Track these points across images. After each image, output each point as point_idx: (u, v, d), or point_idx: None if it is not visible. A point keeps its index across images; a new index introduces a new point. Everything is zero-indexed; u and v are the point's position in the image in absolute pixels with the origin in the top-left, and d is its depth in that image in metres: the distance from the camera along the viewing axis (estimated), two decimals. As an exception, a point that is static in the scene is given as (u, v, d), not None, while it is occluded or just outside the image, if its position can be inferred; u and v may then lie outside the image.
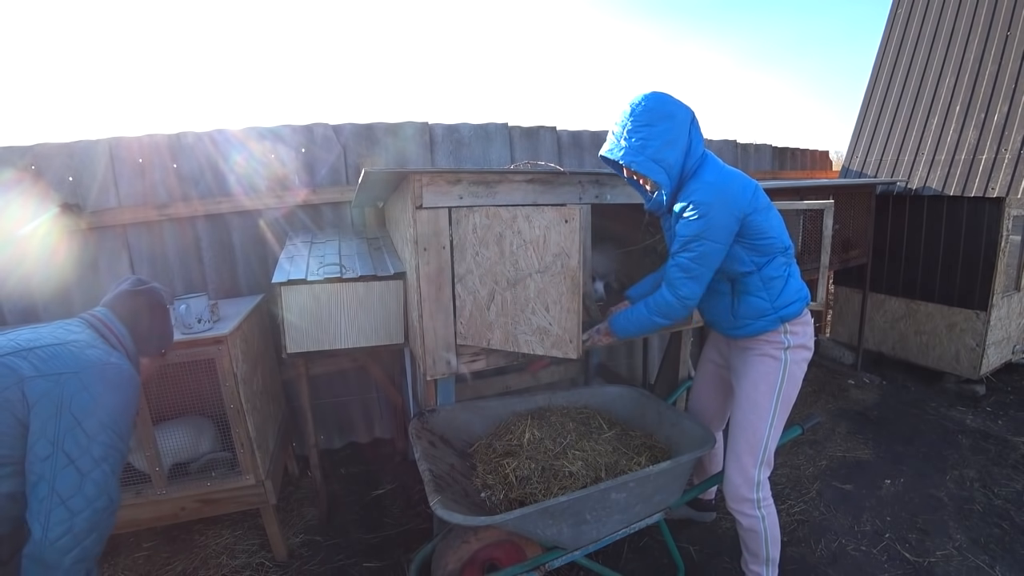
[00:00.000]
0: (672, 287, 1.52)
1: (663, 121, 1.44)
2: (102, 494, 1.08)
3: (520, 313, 1.64)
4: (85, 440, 1.05)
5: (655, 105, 1.45)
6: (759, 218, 1.50)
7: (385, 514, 2.31)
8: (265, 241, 2.59)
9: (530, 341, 1.65)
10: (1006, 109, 3.75)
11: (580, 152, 3.27)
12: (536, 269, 1.59)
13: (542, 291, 1.59)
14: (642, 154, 1.45)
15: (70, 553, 1.03)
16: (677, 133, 1.45)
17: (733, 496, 1.65)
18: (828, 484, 2.44)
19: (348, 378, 2.83)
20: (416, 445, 1.62)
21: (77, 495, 1.04)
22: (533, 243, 1.58)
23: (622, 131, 1.48)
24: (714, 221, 1.43)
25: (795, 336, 1.59)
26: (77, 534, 1.03)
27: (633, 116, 1.45)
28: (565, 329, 1.59)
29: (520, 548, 1.65)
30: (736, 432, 1.65)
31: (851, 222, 3.31)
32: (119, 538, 2.11)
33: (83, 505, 1.04)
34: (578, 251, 1.53)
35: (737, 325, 1.62)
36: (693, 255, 1.47)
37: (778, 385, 1.60)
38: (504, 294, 1.65)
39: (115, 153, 2.31)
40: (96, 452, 1.07)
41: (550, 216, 1.55)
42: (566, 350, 1.60)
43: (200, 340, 1.73)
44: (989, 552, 1.98)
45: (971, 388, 3.36)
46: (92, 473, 1.06)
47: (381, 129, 2.75)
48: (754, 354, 1.63)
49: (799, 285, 1.62)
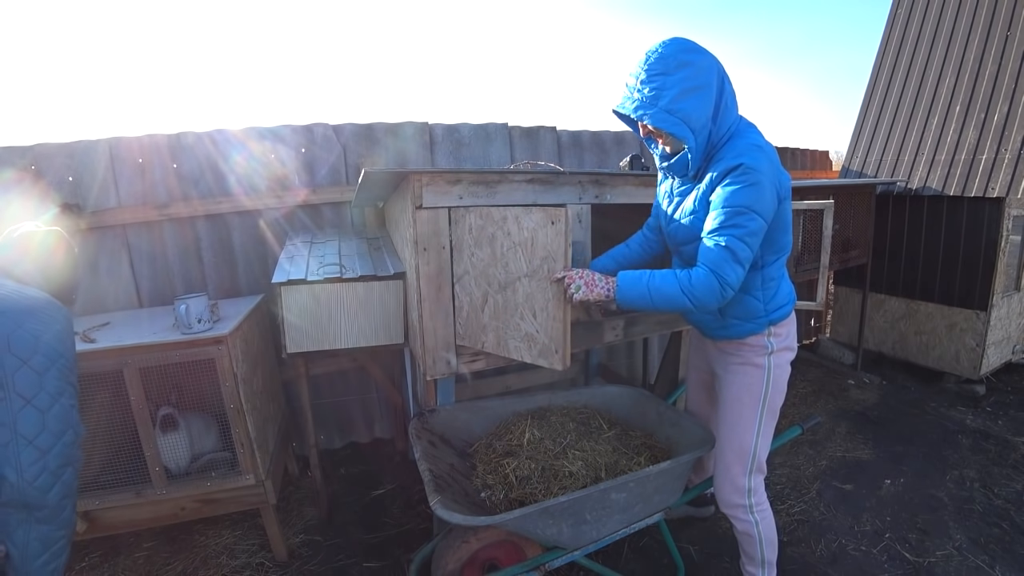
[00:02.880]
0: (717, 271, 1.26)
1: (681, 69, 1.24)
2: (67, 428, 1.06)
3: (510, 318, 1.57)
4: (36, 377, 1.03)
5: (674, 51, 1.25)
6: (787, 207, 1.37)
7: (385, 514, 2.31)
8: (265, 241, 2.59)
9: (519, 347, 1.58)
10: (1006, 109, 3.75)
11: (580, 152, 3.27)
12: (524, 273, 1.51)
13: (530, 296, 1.51)
14: (655, 105, 1.26)
15: (52, 490, 1.02)
16: (699, 81, 1.25)
17: (725, 502, 1.63)
18: (828, 484, 2.44)
19: (348, 378, 2.83)
20: (416, 445, 1.62)
21: (43, 433, 1.02)
22: (522, 245, 1.50)
23: (635, 82, 1.29)
24: (765, 191, 1.24)
25: (778, 339, 1.50)
26: (54, 471, 1.02)
27: (647, 64, 1.26)
28: (551, 338, 1.48)
29: (520, 548, 1.65)
30: (723, 443, 1.59)
31: (851, 222, 3.31)
32: (119, 538, 2.11)
33: (52, 441, 1.03)
34: (564, 255, 1.41)
35: (724, 325, 1.51)
36: (742, 232, 1.24)
37: (762, 395, 1.52)
38: (496, 297, 1.60)
39: (115, 153, 2.31)
40: (50, 387, 1.05)
41: (537, 217, 1.45)
42: (552, 360, 1.49)
43: (200, 340, 1.73)
44: (989, 552, 1.98)
45: (971, 388, 3.36)
46: (52, 408, 1.04)
47: (381, 129, 2.75)
48: (736, 363, 1.54)
49: (790, 287, 1.54)
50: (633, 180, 1.95)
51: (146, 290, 2.44)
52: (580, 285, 1.39)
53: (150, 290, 2.44)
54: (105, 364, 1.65)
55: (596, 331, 1.93)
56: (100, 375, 1.66)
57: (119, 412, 1.75)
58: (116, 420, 1.76)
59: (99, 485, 1.76)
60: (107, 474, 1.76)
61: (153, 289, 2.45)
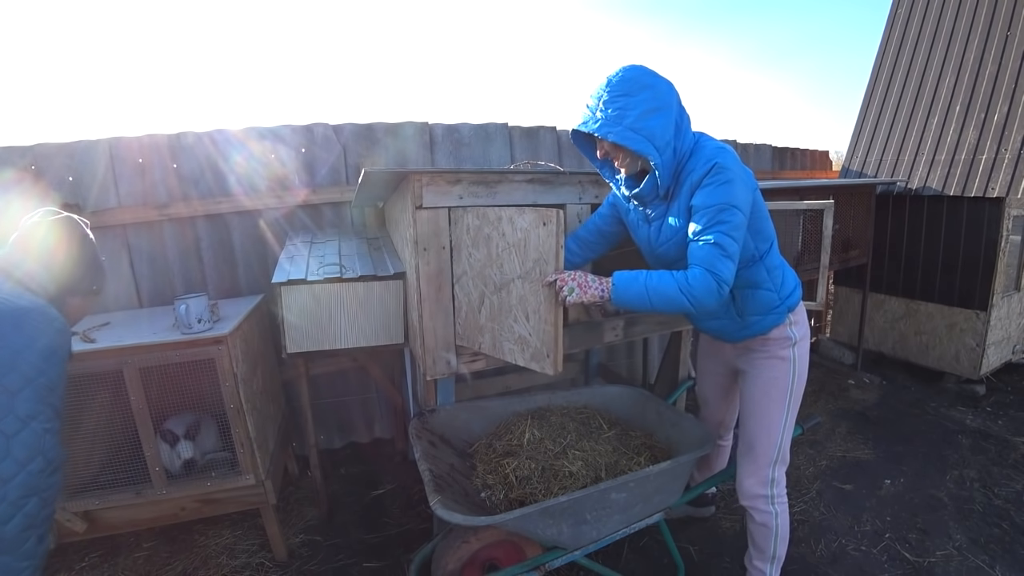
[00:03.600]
0: (712, 269, 1.29)
1: (643, 91, 1.30)
2: (35, 455, 0.96)
3: (504, 319, 1.56)
4: (6, 398, 0.94)
5: (635, 75, 1.31)
6: (759, 197, 1.43)
7: (385, 514, 2.31)
8: (265, 241, 2.59)
9: (513, 350, 1.57)
10: (1006, 109, 3.75)
11: (580, 152, 3.27)
12: (518, 274, 1.50)
13: (523, 298, 1.50)
14: (619, 124, 1.29)
15: (11, 522, 0.93)
16: (661, 102, 1.31)
17: (746, 493, 1.62)
18: (828, 484, 2.44)
19: (348, 378, 2.83)
20: (416, 445, 1.62)
21: (5, 460, 0.93)
22: (516, 246, 1.49)
23: (597, 103, 1.33)
24: (740, 187, 1.31)
25: (798, 327, 1.54)
26: (14, 501, 0.93)
27: (609, 87, 1.31)
28: (543, 342, 1.46)
29: (520, 548, 1.65)
30: (750, 436, 1.60)
31: (851, 222, 3.31)
32: (119, 538, 2.12)
33: (14, 470, 0.93)
34: (556, 257, 1.39)
35: (746, 325, 1.52)
36: (727, 227, 1.29)
37: (789, 387, 1.55)
38: (492, 298, 1.59)
39: (115, 153, 2.31)
40: (21, 410, 0.95)
41: (530, 218, 1.43)
42: (543, 364, 1.47)
43: (200, 340, 1.73)
44: (989, 552, 1.98)
45: (971, 388, 3.36)
46: (20, 434, 0.95)
47: (381, 129, 2.75)
48: (762, 357, 1.57)
49: (792, 272, 1.58)
50: (633, 180, 1.94)
51: (146, 290, 2.44)
52: (573, 287, 1.37)
53: (150, 290, 2.44)
54: (105, 364, 1.64)
55: (596, 331, 1.93)
56: (100, 375, 1.66)
57: (119, 412, 1.75)
58: (116, 420, 1.76)
59: (99, 485, 1.76)
60: (107, 474, 1.76)
61: (153, 289, 2.45)
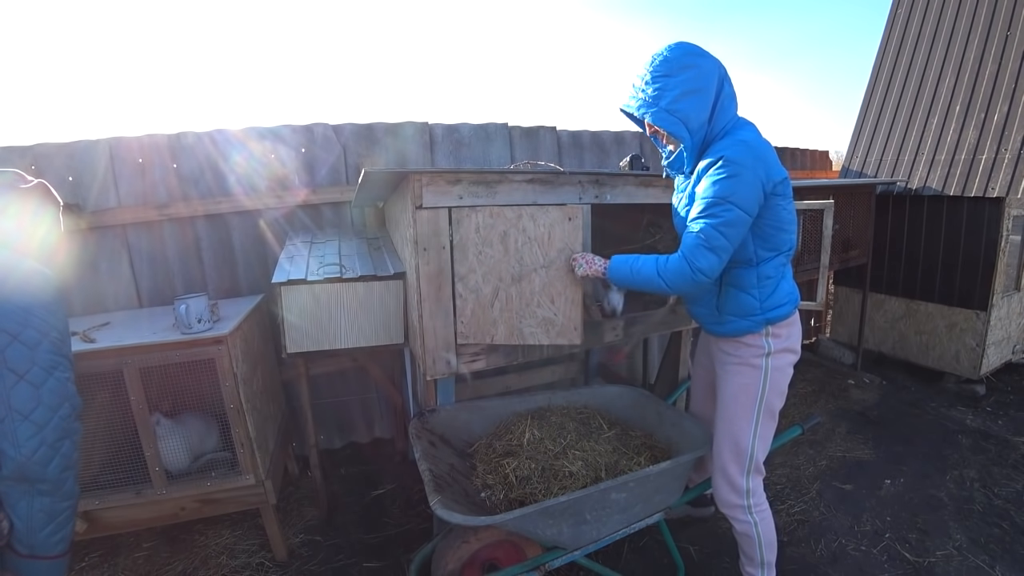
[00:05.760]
0: (688, 257, 1.35)
1: (683, 71, 1.34)
2: (63, 401, 1.06)
3: (525, 307, 1.72)
4: (28, 352, 1.02)
5: (677, 55, 1.35)
6: (783, 204, 1.41)
7: (385, 514, 2.31)
8: (265, 241, 2.59)
9: (535, 333, 1.73)
10: (1006, 109, 3.75)
11: (580, 152, 3.27)
12: (541, 264, 1.68)
13: (547, 285, 1.69)
14: (656, 105, 1.36)
15: (51, 463, 1.02)
16: (699, 84, 1.35)
17: (723, 502, 1.63)
18: (828, 484, 2.44)
19: (348, 378, 2.83)
20: (416, 445, 1.62)
21: (38, 408, 1.02)
22: (538, 240, 1.66)
23: (640, 82, 1.40)
24: (744, 184, 1.30)
25: (777, 340, 1.50)
26: (52, 444, 1.03)
27: (652, 66, 1.37)
28: (569, 318, 1.70)
29: (520, 548, 1.65)
30: (720, 444, 1.59)
31: (851, 222, 3.31)
32: (119, 538, 2.12)
33: (48, 415, 1.03)
34: (581, 245, 1.65)
35: (720, 321, 1.54)
36: (717, 222, 1.31)
37: (758, 396, 1.52)
38: (508, 290, 1.71)
39: (115, 153, 2.31)
40: (43, 361, 1.04)
41: (554, 215, 1.64)
42: (571, 337, 1.71)
43: (200, 340, 1.73)
44: (989, 552, 1.98)
45: (971, 388, 3.36)
46: (47, 383, 1.04)
47: (381, 129, 2.75)
48: (733, 362, 1.55)
49: (791, 287, 1.54)
50: (633, 180, 1.95)
51: (146, 290, 2.44)
52: (582, 264, 1.60)
53: (150, 290, 2.44)
54: (105, 364, 1.65)
55: (596, 331, 1.93)
56: (100, 375, 1.66)
57: (119, 412, 1.75)
58: (116, 420, 1.76)
59: (99, 485, 1.75)
60: (107, 474, 1.76)
61: (153, 289, 2.45)
